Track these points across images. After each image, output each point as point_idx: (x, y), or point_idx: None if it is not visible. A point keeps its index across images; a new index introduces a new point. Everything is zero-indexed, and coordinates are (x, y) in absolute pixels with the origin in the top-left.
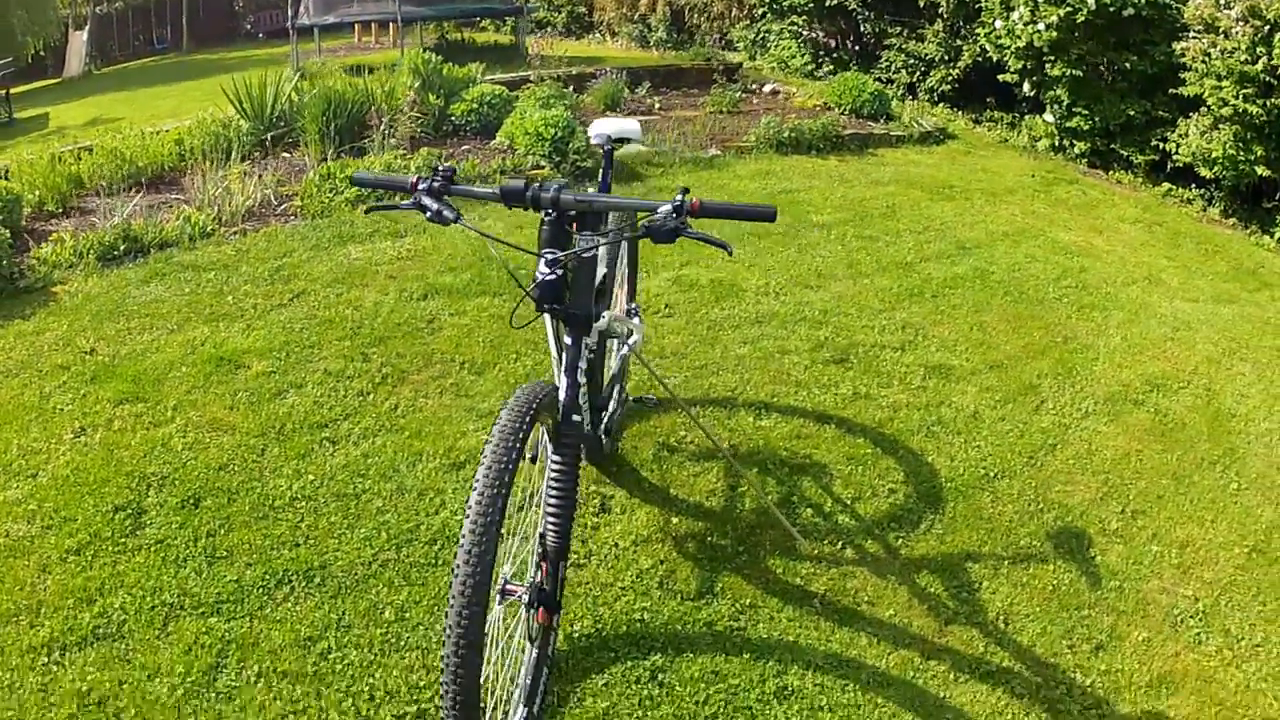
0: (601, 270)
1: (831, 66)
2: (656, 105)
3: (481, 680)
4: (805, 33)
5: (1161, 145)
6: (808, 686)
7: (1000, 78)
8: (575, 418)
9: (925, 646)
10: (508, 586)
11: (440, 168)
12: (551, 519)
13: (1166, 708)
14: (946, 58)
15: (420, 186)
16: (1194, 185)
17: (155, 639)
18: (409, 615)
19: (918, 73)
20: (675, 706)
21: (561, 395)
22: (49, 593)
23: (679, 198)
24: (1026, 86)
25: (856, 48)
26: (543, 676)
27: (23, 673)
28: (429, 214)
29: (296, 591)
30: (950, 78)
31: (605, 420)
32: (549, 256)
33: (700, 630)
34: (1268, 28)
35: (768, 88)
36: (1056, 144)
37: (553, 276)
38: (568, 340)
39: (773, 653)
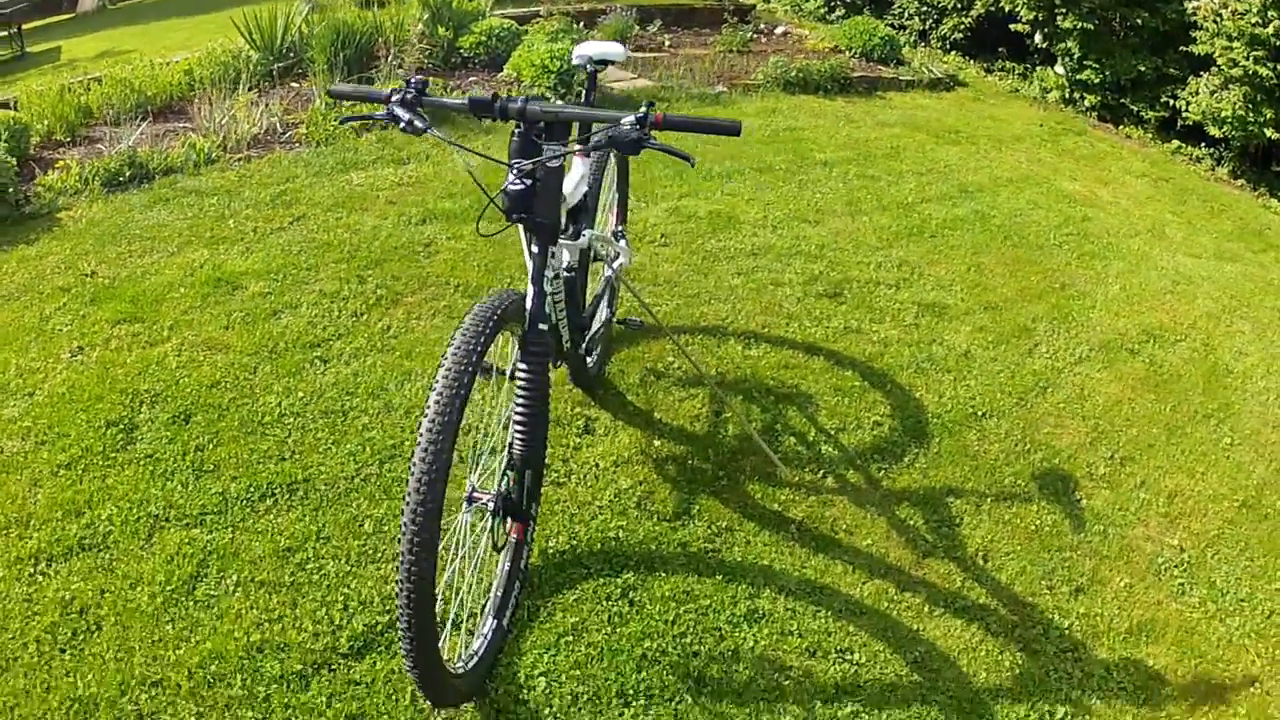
0: (583, 189)
1: (844, 10)
2: (666, 43)
3: (442, 585)
4: None
5: (1172, 102)
6: (779, 611)
7: (1012, 28)
8: (542, 326)
9: (901, 578)
10: (474, 494)
11: (413, 80)
12: (519, 427)
13: (1145, 656)
14: (959, 5)
15: (394, 98)
16: (1203, 144)
17: (139, 550)
18: (387, 528)
19: (930, 19)
20: (644, 624)
21: (529, 304)
22: (39, 506)
23: (643, 110)
24: (1039, 38)
25: None
26: (514, 590)
27: (9, 583)
28: (402, 124)
29: (279, 504)
30: (963, 26)
31: (587, 340)
32: (517, 167)
33: (675, 551)
34: None
35: (780, 29)
36: (1067, 96)
37: (520, 186)
38: (535, 250)
39: (746, 576)
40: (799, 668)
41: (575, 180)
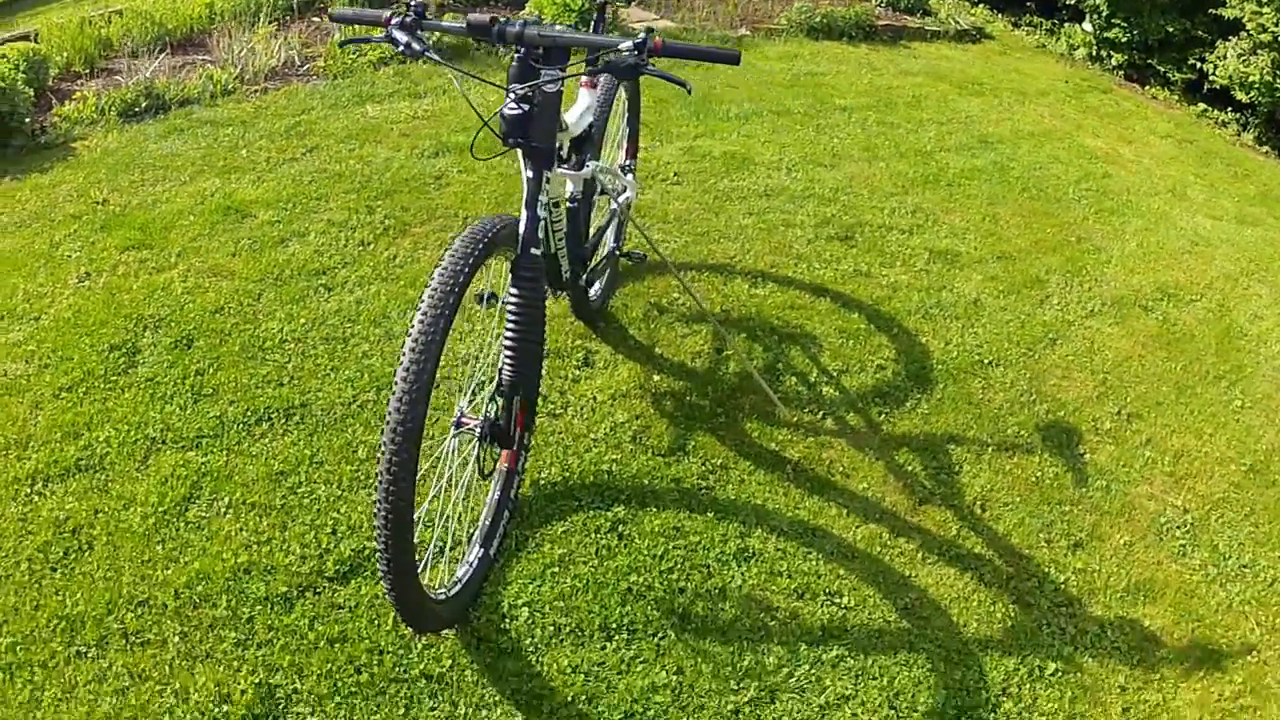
0: (588, 119)
1: None
2: None
3: (424, 510)
4: None
5: (1199, 65)
6: (769, 550)
7: None
8: (534, 251)
9: (896, 524)
10: (462, 419)
11: (412, 3)
12: (508, 352)
13: (1141, 616)
14: None
15: (392, 21)
16: (1230, 108)
17: (134, 471)
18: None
19: None
20: (632, 558)
21: (521, 228)
22: (39, 428)
23: (642, 35)
24: None
25: None
26: (503, 519)
27: (5, 503)
28: (400, 47)
29: (275, 428)
30: None
31: (588, 272)
32: (514, 91)
33: (667, 486)
34: None
35: None
36: (1094, 54)
37: (517, 111)
38: (529, 174)
39: (738, 514)
40: (786, 609)
41: (580, 110)
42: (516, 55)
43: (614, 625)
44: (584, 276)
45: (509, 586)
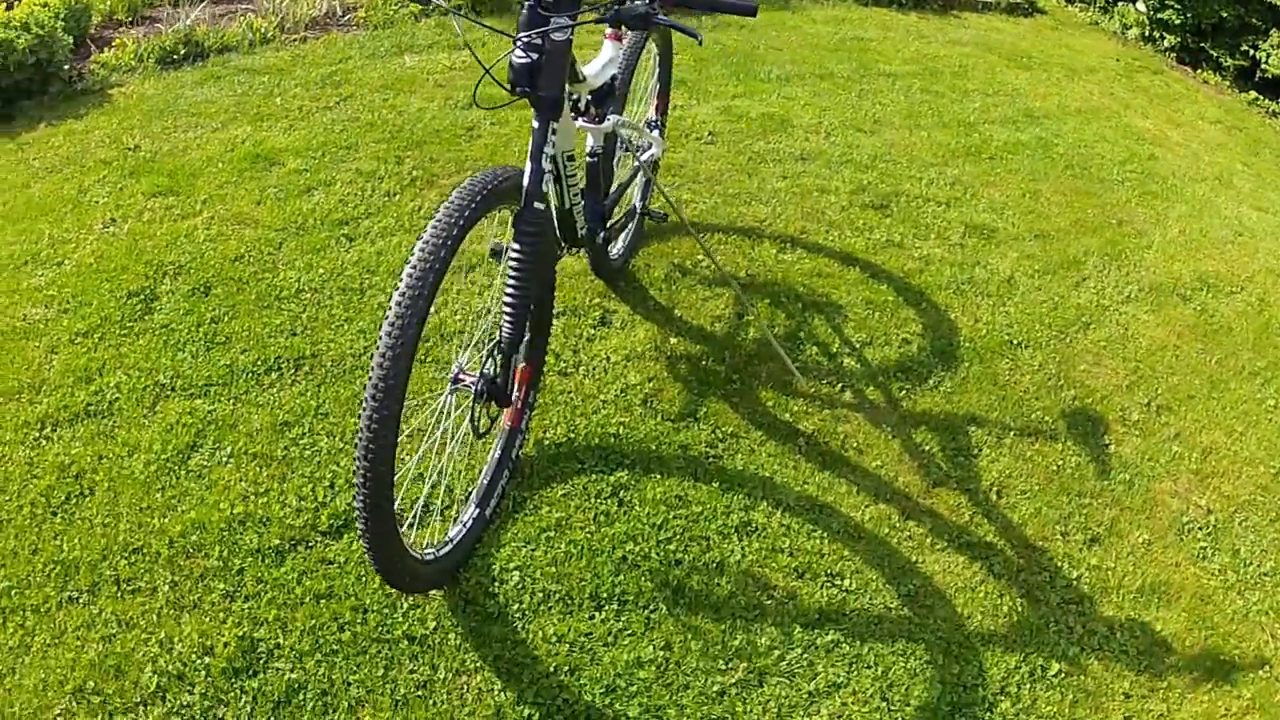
0: (611, 71)
1: None
2: None
3: (412, 466)
4: None
5: (1252, 53)
6: (773, 525)
7: None
8: (538, 205)
9: (907, 505)
10: (460, 374)
11: None
12: (507, 308)
13: (1154, 620)
14: None
15: None
16: None
17: (141, 418)
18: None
19: None
20: (630, 526)
21: (525, 180)
22: (53, 372)
23: None
24: None
25: None
26: (501, 479)
27: (14, 446)
28: None
29: (284, 378)
30: None
31: (607, 230)
32: (522, 39)
33: (674, 453)
34: None
35: None
36: (1146, 34)
37: (525, 59)
38: (536, 124)
39: (744, 486)
40: (784, 587)
41: (603, 62)
42: (527, 3)
43: (605, 595)
44: (602, 234)
45: (502, 549)
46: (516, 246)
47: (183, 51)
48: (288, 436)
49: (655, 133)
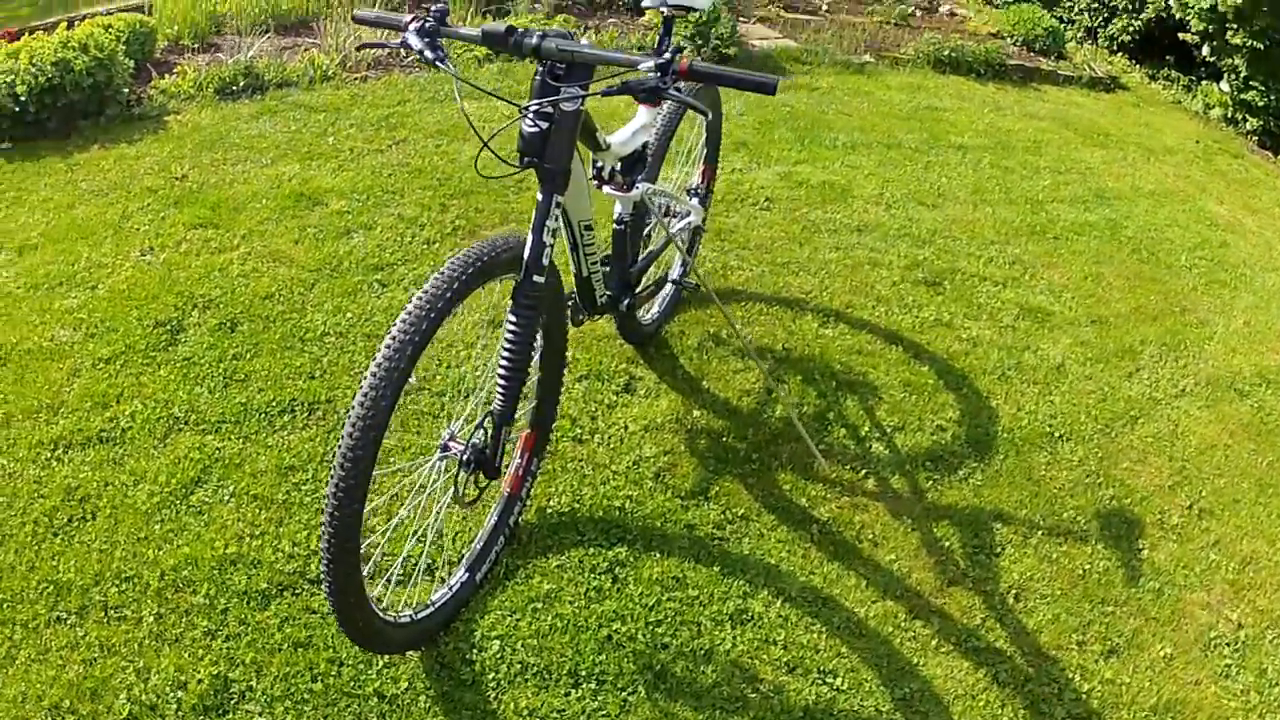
0: (643, 138)
1: None
2: (824, 7)
3: (390, 528)
4: None
5: None
6: (770, 615)
7: (1181, 36)
8: (537, 279)
9: (916, 604)
10: (450, 441)
11: (434, 8)
12: (499, 381)
13: None
14: (1131, 6)
15: (411, 26)
16: None
17: (152, 448)
18: (393, 459)
19: (1100, 17)
20: (621, 604)
21: (526, 253)
22: (72, 395)
23: (667, 55)
24: (1206, 50)
25: None
26: (496, 545)
27: (25, 464)
28: (416, 52)
29: (296, 421)
30: (1132, 28)
31: (632, 298)
32: (531, 108)
33: (679, 532)
34: None
35: (945, 8)
36: (1229, 115)
37: (534, 129)
38: (540, 196)
39: (747, 572)
40: (772, 682)
41: (633, 129)
42: (539, 70)
43: (584, 673)
44: (627, 302)
45: (487, 615)
46: (512, 319)
47: (242, 83)
48: (290, 480)
49: (695, 200)
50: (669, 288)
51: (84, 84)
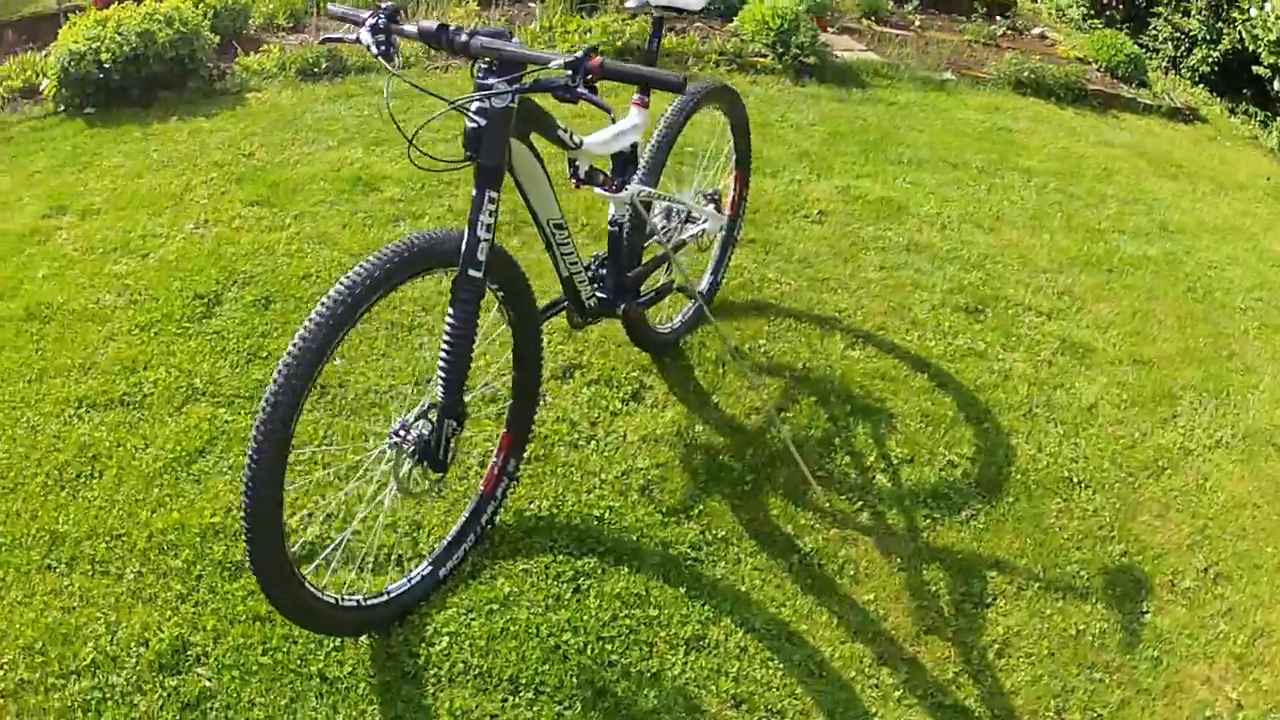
0: (631, 138)
1: (1103, 22)
2: (916, 23)
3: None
4: None
5: None
6: (729, 645)
7: (1255, 69)
8: (472, 273)
9: (887, 649)
10: (399, 432)
11: (385, 6)
12: (440, 373)
13: None
14: (1208, 37)
15: (367, 23)
16: None
17: (166, 416)
18: (341, 446)
19: (1182, 47)
20: (575, 615)
21: (462, 246)
22: (105, 358)
23: (580, 53)
24: (1278, 84)
25: (1126, 8)
26: (465, 542)
27: (49, 419)
28: (365, 47)
29: (306, 402)
30: (1210, 59)
31: (632, 303)
32: (471, 103)
33: (654, 548)
34: None
35: (1036, 30)
36: None
37: (474, 125)
38: (474, 192)
39: (714, 597)
40: (715, 714)
41: (617, 129)
42: (480, 66)
43: (524, 680)
44: (624, 307)
45: (444, 611)
46: (452, 313)
47: (324, 65)
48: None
49: (711, 206)
50: (690, 303)
51: (166, 56)
